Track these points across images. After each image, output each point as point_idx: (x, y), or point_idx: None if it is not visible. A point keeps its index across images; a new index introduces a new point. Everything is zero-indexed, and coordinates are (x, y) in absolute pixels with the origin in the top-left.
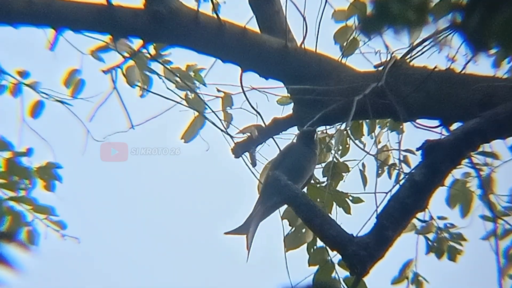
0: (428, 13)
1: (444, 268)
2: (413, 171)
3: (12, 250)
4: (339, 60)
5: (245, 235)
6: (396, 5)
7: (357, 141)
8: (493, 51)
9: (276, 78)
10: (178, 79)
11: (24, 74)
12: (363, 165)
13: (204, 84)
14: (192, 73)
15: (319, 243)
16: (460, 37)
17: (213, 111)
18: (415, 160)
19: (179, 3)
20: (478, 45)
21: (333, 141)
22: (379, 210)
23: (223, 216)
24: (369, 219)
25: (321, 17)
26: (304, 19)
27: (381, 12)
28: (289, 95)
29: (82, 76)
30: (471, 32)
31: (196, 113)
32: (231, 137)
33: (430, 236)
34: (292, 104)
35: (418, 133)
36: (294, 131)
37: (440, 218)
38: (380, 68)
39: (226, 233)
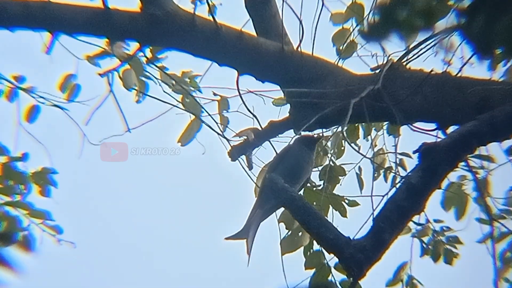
0: (433, 18)
1: (439, 271)
2: (409, 174)
3: (11, 252)
4: (336, 63)
5: (245, 240)
6: (401, 12)
7: (352, 144)
8: (496, 54)
9: (272, 81)
10: (174, 82)
11: (20, 78)
12: (360, 168)
13: (200, 90)
14: (187, 80)
15: (316, 246)
16: (463, 39)
17: (209, 115)
18: (411, 163)
19: (176, 6)
20: (483, 48)
21: (329, 144)
22: (375, 213)
23: (220, 219)
24: (366, 222)
25: (318, 21)
26: (301, 22)
27: (386, 18)
28: (285, 98)
29: (78, 80)
30: (475, 35)
31: (193, 117)
32: (228, 140)
33: (425, 239)
34: (289, 107)
35: (415, 136)
36: (290, 134)
37: (436, 221)
38: (377, 71)
39: (226, 239)
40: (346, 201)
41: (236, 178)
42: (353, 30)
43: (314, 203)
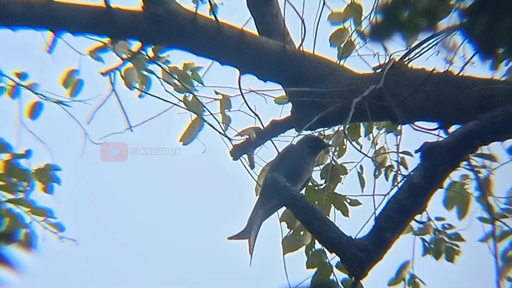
0: (435, 18)
1: (441, 270)
2: (411, 173)
3: (12, 251)
4: (338, 62)
5: (247, 240)
6: (403, 12)
7: (354, 143)
8: (498, 53)
9: (274, 81)
10: (176, 81)
11: (22, 76)
12: (361, 167)
13: (202, 83)
14: (189, 72)
15: (318, 245)
16: (465, 38)
17: (211, 114)
18: (412, 162)
19: (177, 5)
20: (485, 47)
21: (331, 143)
22: (377, 212)
23: (221, 218)
24: (368, 221)
25: (319, 20)
26: (303, 21)
27: (389, 18)
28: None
29: (80, 77)
30: (477, 34)
31: (195, 116)
32: (230, 139)
33: (427, 237)
34: (291, 106)
35: (416, 135)
36: (292, 133)
37: (437, 219)
38: (379, 71)
39: (229, 238)
40: (348, 201)
41: (237, 177)
42: (353, 31)
43: (316, 202)
